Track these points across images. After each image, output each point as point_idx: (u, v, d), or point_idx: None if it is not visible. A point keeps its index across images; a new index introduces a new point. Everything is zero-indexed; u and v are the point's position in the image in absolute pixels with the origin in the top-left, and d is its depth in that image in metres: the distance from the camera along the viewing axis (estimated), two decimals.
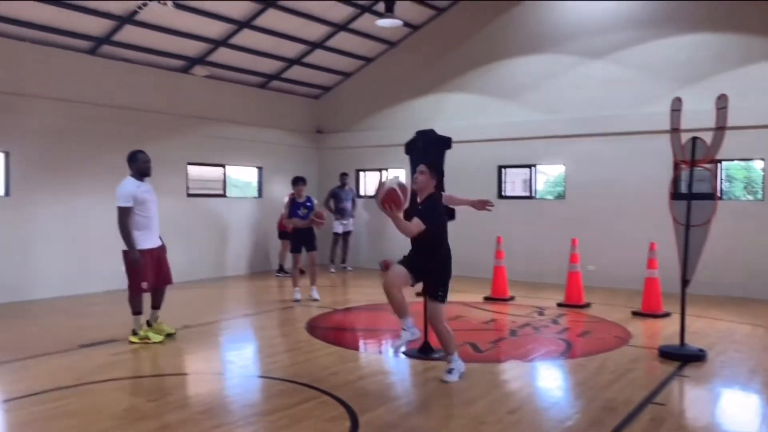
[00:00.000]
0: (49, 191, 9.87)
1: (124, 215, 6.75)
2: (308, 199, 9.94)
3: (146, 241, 6.91)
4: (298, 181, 9.92)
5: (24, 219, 9.60)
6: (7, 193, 9.57)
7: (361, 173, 14.60)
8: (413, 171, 6.80)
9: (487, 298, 9.87)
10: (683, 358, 6.18)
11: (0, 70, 9.43)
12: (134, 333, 6.96)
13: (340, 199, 13.38)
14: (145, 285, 6.90)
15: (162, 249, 7.23)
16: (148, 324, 7.16)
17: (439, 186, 5.80)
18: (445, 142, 6.60)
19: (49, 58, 10.03)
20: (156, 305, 7.25)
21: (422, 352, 6.38)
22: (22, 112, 9.61)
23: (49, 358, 6.25)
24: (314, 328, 7.78)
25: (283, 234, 12.67)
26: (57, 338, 7.02)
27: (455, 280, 5.95)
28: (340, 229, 13.46)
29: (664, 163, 9.88)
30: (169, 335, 7.13)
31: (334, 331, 7.92)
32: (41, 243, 9.77)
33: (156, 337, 6.94)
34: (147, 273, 6.90)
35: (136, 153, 7.11)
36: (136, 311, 6.99)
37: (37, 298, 9.54)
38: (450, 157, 6.73)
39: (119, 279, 7.35)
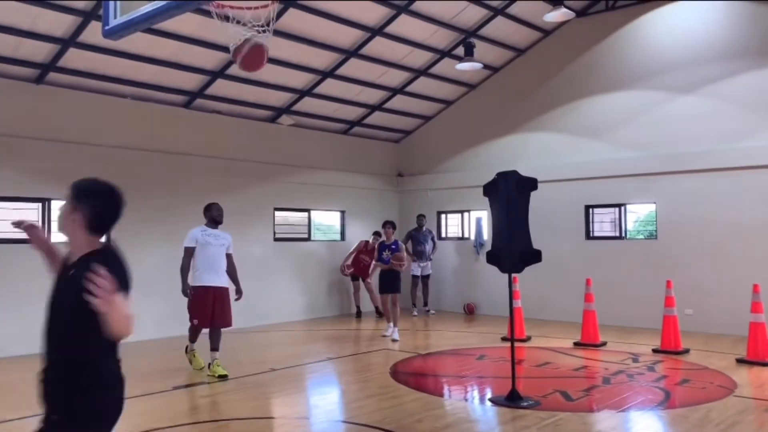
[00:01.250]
0: (144, 240, 10.32)
1: (185, 255, 7.77)
2: (394, 243, 10.46)
3: (205, 279, 7.69)
4: (386, 225, 10.58)
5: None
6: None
7: (443, 215, 14.57)
8: (494, 213, 6.74)
9: (577, 344, 9.49)
10: None
11: (107, 126, 10.11)
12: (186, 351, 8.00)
13: (417, 241, 13.37)
14: (195, 322, 7.67)
15: (224, 290, 7.80)
16: (208, 366, 7.71)
17: None
18: (530, 184, 6.49)
19: (148, 113, 10.69)
20: (214, 347, 7.69)
21: (510, 399, 6.18)
22: (128, 163, 10.17)
23: (143, 399, 6.47)
24: (398, 373, 7.71)
25: (355, 276, 12.94)
26: (149, 380, 7.26)
27: (542, 325, 5.75)
28: (418, 272, 13.40)
29: (764, 198, 9.35)
30: (221, 377, 7.44)
31: (418, 376, 7.81)
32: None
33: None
34: (199, 310, 7.64)
35: (210, 205, 8.13)
36: (191, 340, 7.91)
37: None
38: (535, 197, 6.60)
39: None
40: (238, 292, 7.92)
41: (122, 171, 10.15)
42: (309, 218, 13.27)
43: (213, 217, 8.00)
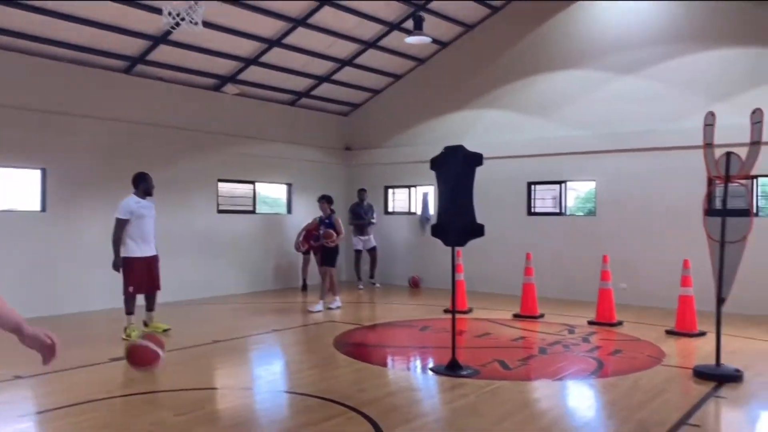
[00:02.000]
0: (83, 207, 10.08)
1: (119, 226, 7.92)
2: (329, 218, 10.59)
3: (139, 250, 8.00)
4: (321, 199, 10.73)
5: (59, 234, 9.82)
6: (43, 208, 9.80)
7: (390, 190, 14.62)
8: (440, 187, 6.81)
9: (516, 316, 9.76)
10: (719, 378, 6.01)
11: (38, 89, 9.71)
12: (125, 330, 8.00)
13: (358, 215, 13.42)
14: (131, 289, 7.98)
15: (156, 258, 8.26)
16: (145, 324, 8.21)
17: None
18: (476, 159, 6.57)
19: (86, 78, 10.30)
20: (150, 308, 8.32)
21: (450, 369, 6.32)
22: (58, 130, 9.86)
23: (81, 371, 6.35)
24: (342, 344, 7.77)
25: (307, 251, 12.85)
26: (89, 352, 7.12)
27: (483, 297, 5.88)
28: (360, 246, 13.48)
29: (697, 178, 9.71)
30: (165, 331, 8.15)
31: (362, 347, 7.90)
32: (75, 258, 9.96)
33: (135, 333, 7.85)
34: (136, 278, 7.97)
35: (143, 175, 8.24)
36: (128, 311, 8.00)
37: (70, 312, 9.71)
38: (480, 173, 6.69)
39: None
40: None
41: (60, 137, 9.87)
42: (254, 190, 13.11)
43: (147, 189, 8.18)
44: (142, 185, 8.15)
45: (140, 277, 8.01)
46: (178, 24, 7.99)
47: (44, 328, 2.33)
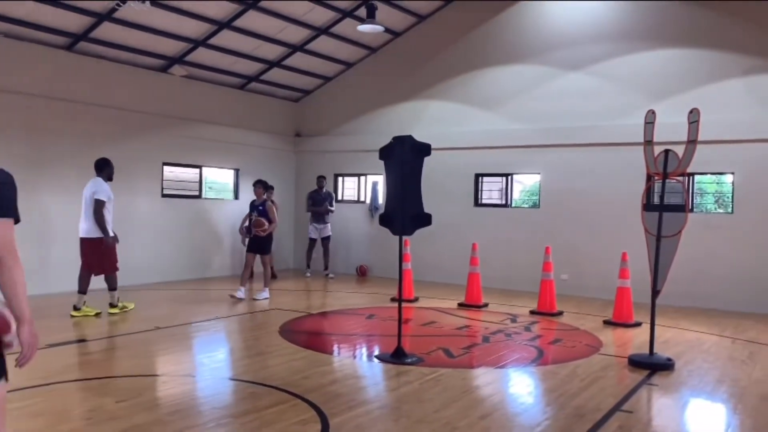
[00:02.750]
0: (22, 188, 9.65)
1: (102, 207, 8.19)
2: (262, 204, 10.26)
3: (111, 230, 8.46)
4: (256, 184, 10.41)
5: None
6: None
7: (339, 178, 14.59)
8: (388, 176, 6.84)
9: (461, 305, 9.92)
10: (652, 366, 6.27)
11: None
12: (113, 306, 8.57)
13: (316, 202, 13.28)
14: (118, 265, 8.57)
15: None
16: (111, 306, 8.62)
17: None
18: (424, 149, 6.62)
19: (24, 54, 9.88)
20: (114, 287, 8.64)
21: (395, 356, 6.39)
22: (6, 108, 9.44)
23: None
24: (287, 332, 7.75)
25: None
26: None
27: (430, 286, 5.95)
28: (315, 234, 13.35)
29: (637, 174, 10.04)
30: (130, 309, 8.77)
31: (308, 335, 7.90)
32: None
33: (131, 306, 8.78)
34: (113, 258, 8.52)
35: (108, 160, 8.55)
36: (114, 287, 8.57)
37: None
38: (428, 164, 6.76)
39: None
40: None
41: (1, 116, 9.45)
42: (201, 175, 12.87)
43: (110, 174, 8.54)
44: (107, 170, 8.46)
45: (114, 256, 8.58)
46: (124, 1, 7.77)
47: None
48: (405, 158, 6.54)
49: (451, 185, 12.54)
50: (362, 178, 14.23)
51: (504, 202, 12.41)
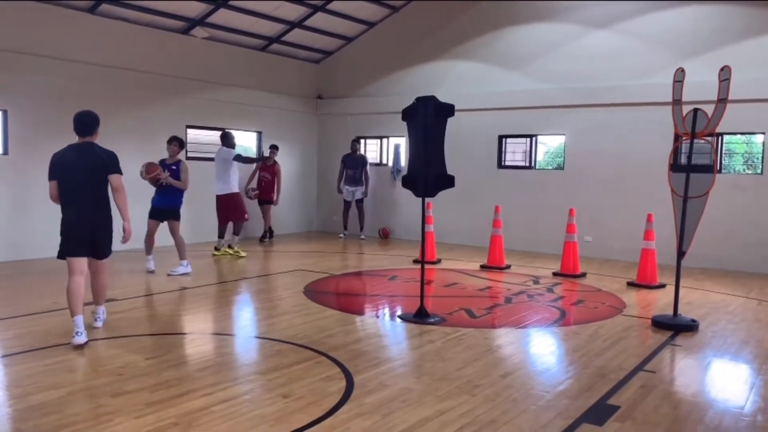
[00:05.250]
0: (46, 150, 9.79)
1: (230, 167, 10.65)
2: (176, 163, 8.93)
3: None
4: (171, 141, 9.05)
5: (22, 178, 9.61)
6: (5, 151, 9.55)
7: (362, 140, 14.53)
8: (411, 138, 6.80)
9: (483, 266, 9.94)
10: (676, 327, 6.26)
11: None
12: (230, 247, 10.72)
13: (349, 166, 13.35)
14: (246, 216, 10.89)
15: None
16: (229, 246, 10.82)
17: None
18: (448, 110, 6.55)
19: (49, 17, 9.92)
20: (236, 233, 11.02)
21: (418, 316, 6.45)
22: (20, 70, 9.54)
23: (49, 315, 6.33)
24: (312, 292, 7.85)
25: (261, 201, 12.75)
26: (57, 296, 7.07)
27: (452, 249, 5.97)
28: (350, 197, 13.43)
29: (664, 134, 9.88)
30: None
31: (332, 295, 8.00)
32: (39, 202, 9.77)
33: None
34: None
35: (227, 133, 10.91)
36: (237, 233, 10.92)
37: (35, 258, 9.59)
38: (451, 125, 6.70)
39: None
40: None
41: (22, 78, 9.55)
42: None
43: (231, 144, 10.81)
44: (227, 140, 10.77)
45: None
46: None
47: None
48: (428, 119, 6.49)
49: (474, 147, 12.44)
50: (384, 141, 14.17)
51: (528, 164, 12.30)
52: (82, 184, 5.54)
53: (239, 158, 10.61)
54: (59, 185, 5.56)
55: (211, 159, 12.67)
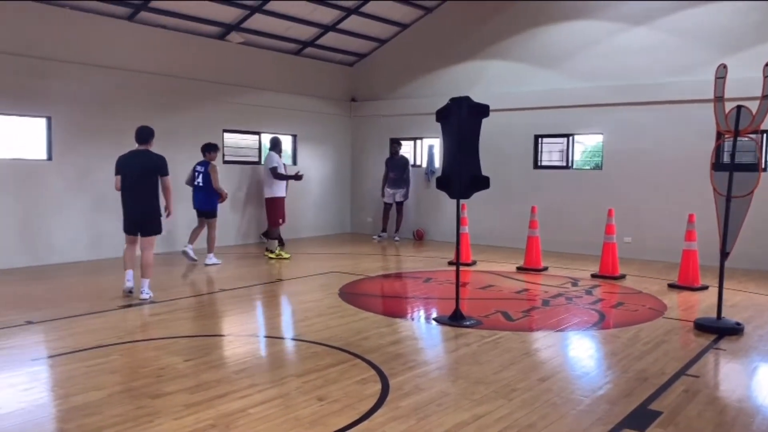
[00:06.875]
0: (89, 156, 10.08)
1: (275, 172, 10.87)
2: (200, 163, 10.21)
3: None
4: (212, 149, 10.24)
5: (64, 183, 9.86)
6: (49, 157, 9.81)
7: (402, 142, 14.52)
8: (445, 139, 6.76)
9: (520, 268, 9.82)
10: (719, 331, 6.09)
11: (42, 36, 9.60)
12: (270, 251, 10.81)
13: (391, 168, 13.37)
14: (281, 221, 10.96)
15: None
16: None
17: None
18: (482, 110, 6.50)
19: (90, 25, 10.16)
20: (272, 237, 11.06)
21: (453, 319, 6.41)
22: (62, 78, 9.79)
23: (91, 317, 6.47)
24: (347, 294, 7.87)
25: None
26: (98, 299, 7.24)
27: (487, 250, 5.91)
28: (390, 200, 13.44)
29: (706, 132, 9.64)
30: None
31: (366, 297, 7.99)
32: (81, 207, 10.02)
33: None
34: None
35: (276, 140, 11.28)
36: (272, 237, 10.93)
37: (77, 260, 9.82)
38: (486, 125, 6.64)
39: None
40: None
41: (64, 85, 9.80)
42: (259, 141, 13.05)
43: (279, 150, 11.18)
44: (277, 147, 11.11)
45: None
46: None
47: None
48: (462, 120, 6.45)
49: (509, 147, 12.32)
50: (418, 142, 14.14)
51: (565, 163, 12.12)
52: (135, 181, 7.26)
53: (274, 171, 10.81)
54: (121, 180, 7.32)
55: (249, 162, 12.88)
